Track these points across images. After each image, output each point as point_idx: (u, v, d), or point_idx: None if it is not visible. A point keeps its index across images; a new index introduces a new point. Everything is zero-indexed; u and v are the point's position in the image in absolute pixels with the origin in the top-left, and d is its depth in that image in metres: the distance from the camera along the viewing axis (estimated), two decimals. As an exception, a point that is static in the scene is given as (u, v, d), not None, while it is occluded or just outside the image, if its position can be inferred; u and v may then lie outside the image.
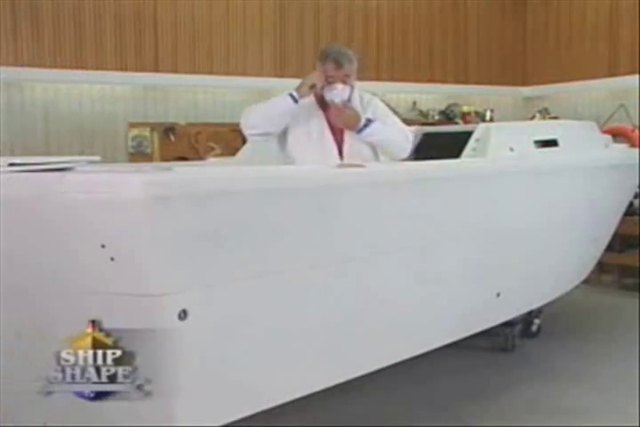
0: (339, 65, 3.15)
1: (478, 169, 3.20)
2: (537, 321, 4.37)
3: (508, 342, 4.13)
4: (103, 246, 1.90)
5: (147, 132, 6.65)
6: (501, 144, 3.53)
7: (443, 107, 7.79)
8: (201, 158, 6.28)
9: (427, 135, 4.35)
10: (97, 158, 2.51)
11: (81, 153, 6.39)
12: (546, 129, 4.16)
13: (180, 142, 6.68)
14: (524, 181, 3.42)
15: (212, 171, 2.17)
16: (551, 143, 3.92)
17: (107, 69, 6.36)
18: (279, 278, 2.28)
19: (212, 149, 6.56)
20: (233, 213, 2.05)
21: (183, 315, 1.97)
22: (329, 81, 3.17)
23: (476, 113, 7.75)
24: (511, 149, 3.56)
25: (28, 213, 1.99)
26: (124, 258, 1.90)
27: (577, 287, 4.43)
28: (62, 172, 2.13)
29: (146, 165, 2.20)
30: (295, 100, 3.12)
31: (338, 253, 2.47)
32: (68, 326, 2.03)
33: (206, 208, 1.96)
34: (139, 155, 6.65)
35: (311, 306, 2.43)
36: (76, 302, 2.01)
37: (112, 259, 1.91)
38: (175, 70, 6.61)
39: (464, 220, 3.04)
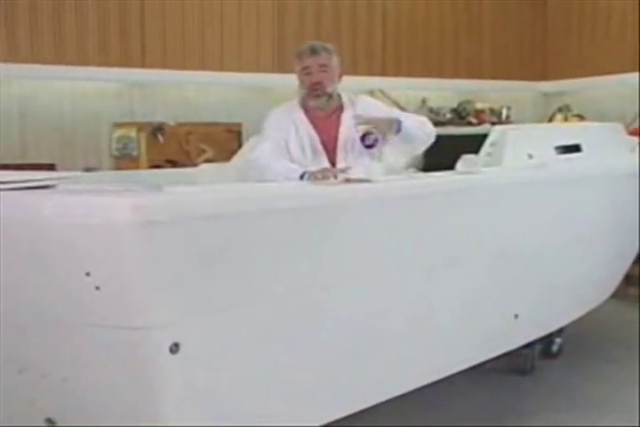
0: (313, 51, 3.19)
1: (493, 181, 3.21)
2: (558, 340, 4.38)
3: (527, 363, 4.13)
4: (88, 274, 1.92)
5: (133, 132, 6.65)
6: (519, 151, 3.55)
7: (454, 104, 7.80)
8: (192, 162, 6.30)
9: (438, 138, 4.37)
10: (78, 174, 2.54)
11: (61, 155, 6.40)
12: (568, 133, 4.18)
13: (170, 144, 6.68)
14: (544, 192, 3.43)
15: (206, 190, 2.18)
16: (573, 149, 3.94)
17: (89, 65, 6.36)
18: (279, 304, 2.30)
19: (204, 151, 6.58)
20: (229, 238, 2.06)
21: (175, 348, 1.99)
22: (305, 72, 3.18)
23: (492, 111, 7.75)
24: (530, 156, 3.58)
25: (6, 237, 2.01)
26: (110, 287, 1.92)
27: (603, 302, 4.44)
28: (43, 190, 2.15)
29: (133, 184, 2.21)
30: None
31: (341, 276, 2.49)
32: (56, 359, 2.07)
33: (200, 233, 1.98)
34: (124, 158, 6.65)
35: (315, 333, 2.45)
36: (62, 334, 2.03)
37: (97, 288, 1.92)
38: (164, 66, 6.61)
39: (477, 236, 3.06)
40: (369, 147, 3.20)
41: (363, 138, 3.19)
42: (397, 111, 3.39)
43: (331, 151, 3.19)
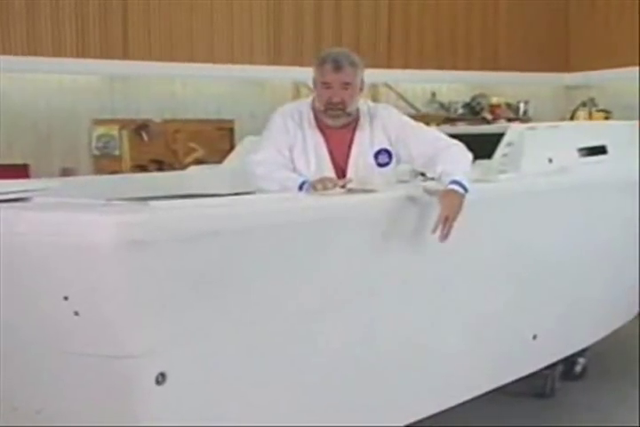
0: (337, 67, 3.04)
1: (509, 190, 3.21)
2: (581, 360, 4.37)
3: (548, 385, 4.12)
4: (66, 298, 1.93)
5: (115, 130, 6.68)
6: (538, 154, 3.55)
7: (467, 98, 7.82)
8: (180, 162, 6.32)
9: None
10: (57, 183, 2.54)
11: (35, 155, 6.42)
12: (592, 132, 4.17)
13: (155, 143, 6.71)
14: (566, 201, 3.44)
15: (195, 205, 2.18)
16: (598, 150, 3.93)
17: (66, 56, 6.38)
18: (273, 328, 2.31)
19: (194, 150, 6.60)
20: (219, 258, 2.07)
21: (161, 379, 2.00)
22: (325, 86, 3.07)
23: (508, 105, 7.78)
24: (550, 161, 3.58)
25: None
26: (91, 313, 1.92)
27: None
28: (17, 204, 2.16)
29: (116, 200, 2.22)
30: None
31: (340, 297, 2.50)
32: (30, 390, 2.08)
33: (189, 253, 1.99)
34: (105, 157, 6.68)
35: (311, 360, 2.46)
36: (37, 362, 2.03)
37: (76, 313, 1.93)
38: (148, 57, 6.63)
39: (492, 251, 3.07)
40: (382, 165, 3.21)
41: (377, 156, 3.21)
42: (425, 128, 3.29)
43: (341, 167, 3.16)
